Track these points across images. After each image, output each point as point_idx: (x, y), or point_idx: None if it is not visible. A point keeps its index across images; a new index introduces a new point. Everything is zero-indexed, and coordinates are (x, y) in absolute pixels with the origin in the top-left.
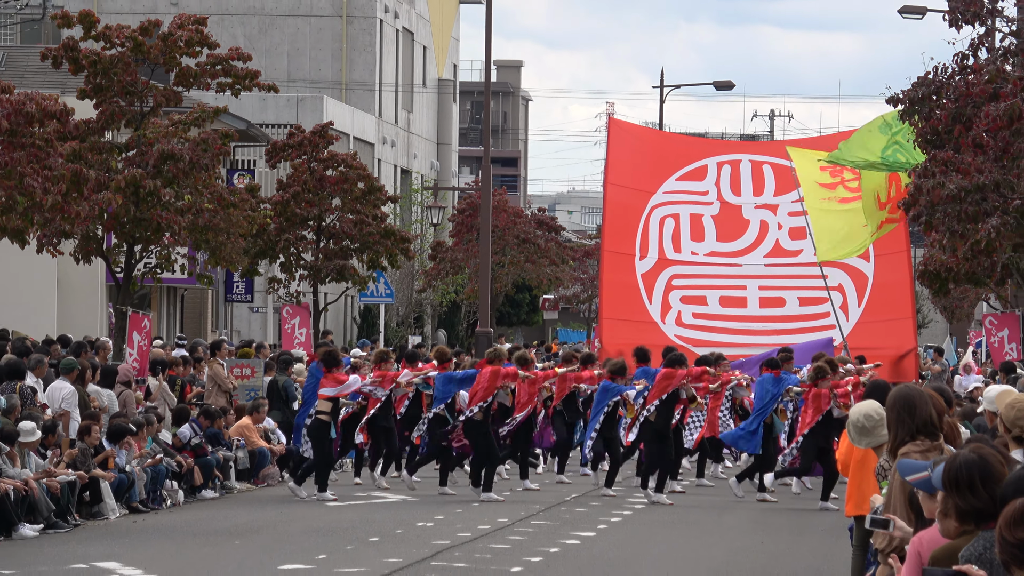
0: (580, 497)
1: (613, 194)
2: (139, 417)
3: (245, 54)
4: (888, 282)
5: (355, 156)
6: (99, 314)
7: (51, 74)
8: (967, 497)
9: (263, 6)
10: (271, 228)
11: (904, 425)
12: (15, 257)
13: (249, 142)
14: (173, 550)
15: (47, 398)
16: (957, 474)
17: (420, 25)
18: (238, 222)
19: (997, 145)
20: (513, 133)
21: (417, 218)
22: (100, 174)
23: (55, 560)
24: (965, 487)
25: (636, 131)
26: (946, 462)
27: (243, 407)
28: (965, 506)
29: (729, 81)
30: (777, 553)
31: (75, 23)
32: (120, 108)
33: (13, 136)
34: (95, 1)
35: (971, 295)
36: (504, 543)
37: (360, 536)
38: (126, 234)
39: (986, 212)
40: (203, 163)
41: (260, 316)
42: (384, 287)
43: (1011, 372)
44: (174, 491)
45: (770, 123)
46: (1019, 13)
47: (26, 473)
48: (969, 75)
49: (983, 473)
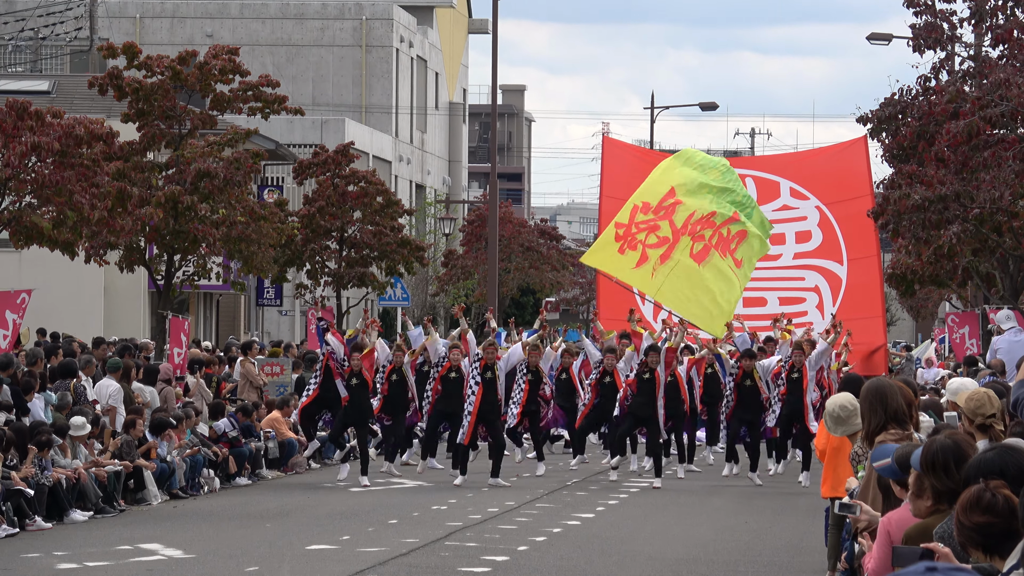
0: (580, 482)
1: (608, 206)
2: (179, 411)
3: (274, 81)
4: (860, 283)
5: (374, 173)
6: (142, 317)
7: (98, 100)
8: (942, 478)
9: (290, 37)
10: (298, 239)
11: (877, 415)
12: (66, 267)
13: (278, 161)
14: (210, 532)
15: (96, 394)
16: (934, 457)
17: (433, 53)
18: (268, 233)
19: (957, 159)
20: (517, 151)
21: (431, 229)
22: (142, 191)
23: (103, 542)
24: (941, 469)
25: (628, 148)
26: (924, 446)
27: (273, 402)
28: (940, 487)
29: (713, 102)
30: (760, 531)
31: (119, 54)
32: (160, 131)
33: (64, 157)
34: (137, 33)
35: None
36: (511, 524)
37: (380, 519)
38: (166, 245)
39: (948, 220)
40: (236, 180)
41: (288, 319)
42: (401, 291)
43: (973, 365)
44: (211, 479)
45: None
46: (976, 39)
47: (76, 463)
48: (931, 96)
49: (957, 457)
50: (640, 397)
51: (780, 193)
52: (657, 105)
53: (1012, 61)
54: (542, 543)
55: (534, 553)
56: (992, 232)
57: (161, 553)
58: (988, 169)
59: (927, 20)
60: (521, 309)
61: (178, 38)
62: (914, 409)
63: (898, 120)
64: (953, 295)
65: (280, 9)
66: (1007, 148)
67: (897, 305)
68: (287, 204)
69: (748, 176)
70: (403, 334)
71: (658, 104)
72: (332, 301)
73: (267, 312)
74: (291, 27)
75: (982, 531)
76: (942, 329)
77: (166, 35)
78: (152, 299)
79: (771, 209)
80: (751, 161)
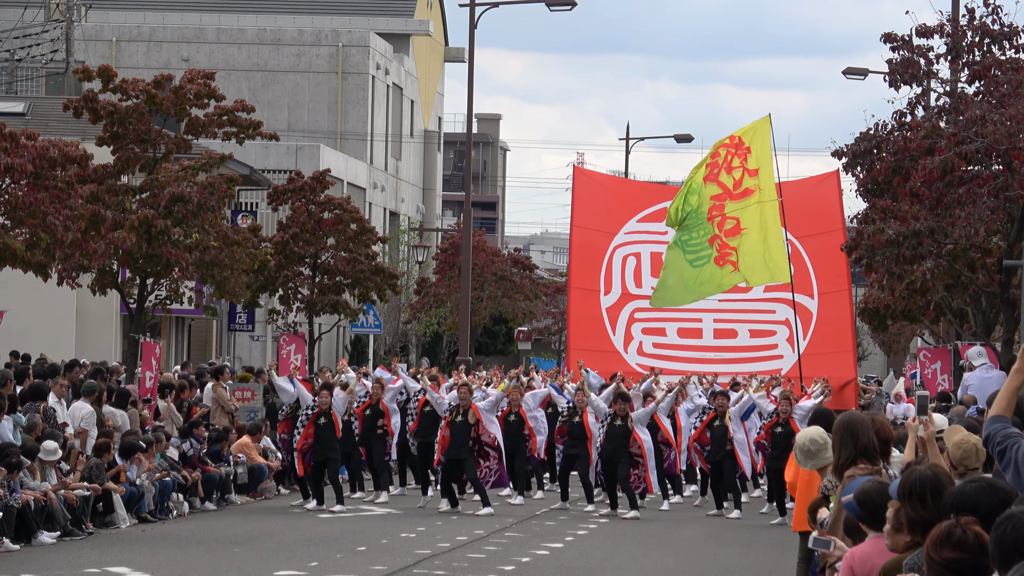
0: (549, 512)
1: (578, 236)
2: (149, 435)
3: (249, 106)
4: (830, 317)
5: (349, 200)
6: (114, 341)
7: (72, 123)
8: (918, 508)
9: (266, 63)
10: (271, 265)
11: (847, 448)
12: (38, 289)
13: (252, 186)
14: (178, 556)
15: (68, 417)
16: (911, 487)
17: (408, 81)
18: (241, 259)
19: (932, 195)
20: (492, 180)
21: (404, 256)
22: (116, 214)
23: (71, 565)
24: (917, 499)
25: (599, 178)
26: (902, 476)
27: (243, 427)
28: (916, 516)
29: (689, 134)
30: (728, 564)
31: (95, 77)
32: (135, 154)
33: (38, 179)
34: (114, 57)
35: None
36: (480, 553)
37: (349, 545)
38: (139, 269)
39: (921, 256)
40: (210, 205)
41: (260, 344)
42: (373, 319)
43: (946, 401)
44: (180, 503)
45: None
46: (952, 75)
47: (45, 486)
48: (907, 131)
49: (934, 488)
50: (609, 444)
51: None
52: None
53: (988, 98)
54: (511, 572)
55: None
56: (965, 268)
57: None
58: (963, 205)
59: (904, 55)
60: (493, 338)
61: (154, 62)
62: (889, 446)
63: (873, 155)
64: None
65: (257, 35)
66: (982, 184)
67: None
68: (261, 230)
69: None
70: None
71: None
72: (304, 327)
73: (239, 337)
74: (267, 53)
75: (951, 567)
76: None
77: (142, 59)
78: (124, 322)
79: None
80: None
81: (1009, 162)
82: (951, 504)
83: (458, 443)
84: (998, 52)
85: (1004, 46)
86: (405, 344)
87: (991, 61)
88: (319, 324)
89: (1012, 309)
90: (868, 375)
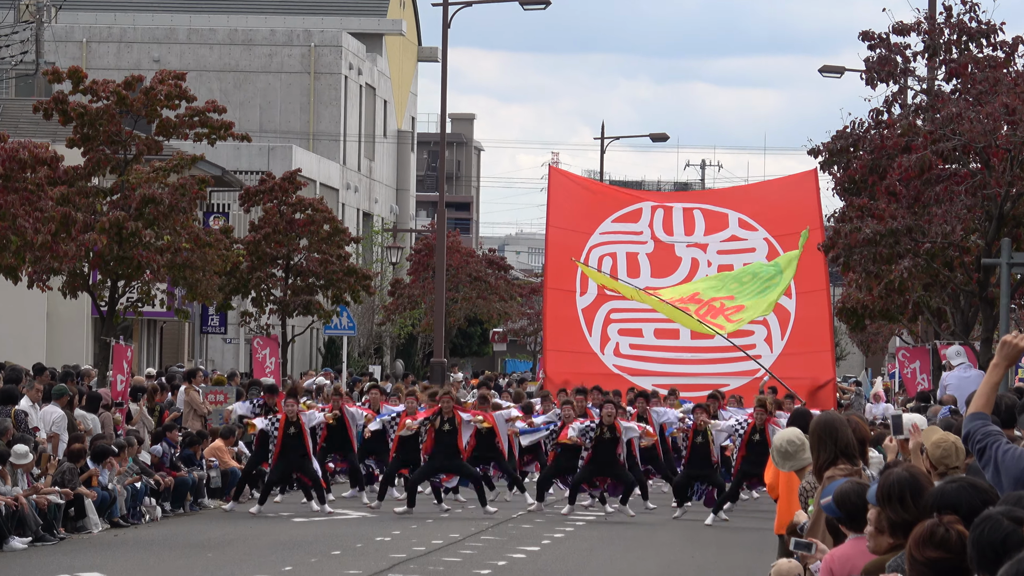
0: (526, 515)
1: (554, 236)
2: (120, 439)
3: (220, 107)
4: (808, 317)
5: (321, 201)
6: (85, 344)
7: (43, 124)
8: (898, 510)
9: (238, 63)
10: (243, 266)
11: (827, 449)
12: (8, 292)
13: (224, 187)
14: (151, 561)
15: (39, 421)
16: (890, 489)
17: (381, 81)
18: (213, 261)
19: (909, 193)
20: (466, 180)
21: (377, 257)
22: (87, 216)
23: (42, 570)
24: (896, 501)
25: (574, 178)
26: (881, 478)
27: (216, 430)
28: (896, 519)
29: (664, 133)
30: (706, 566)
31: (65, 78)
32: (105, 156)
33: (7, 181)
34: (84, 58)
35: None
36: (456, 556)
37: (323, 550)
38: (110, 271)
39: (899, 255)
40: (181, 206)
41: (233, 347)
42: (347, 320)
43: (925, 400)
44: (152, 507)
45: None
46: (929, 73)
47: (16, 490)
48: (884, 129)
49: (913, 489)
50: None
51: (728, 224)
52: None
53: (965, 96)
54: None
55: None
56: (943, 267)
57: None
58: (940, 204)
59: (881, 53)
60: (468, 339)
61: (125, 63)
62: (866, 446)
63: (850, 153)
64: (904, 330)
65: (228, 35)
66: (959, 183)
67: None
68: (233, 231)
69: (696, 209)
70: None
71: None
72: (277, 329)
73: (211, 340)
74: (239, 53)
75: (934, 567)
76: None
77: (113, 60)
78: (95, 325)
79: (720, 239)
80: (700, 195)
81: (987, 160)
82: (933, 505)
83: (445, 451)
84: (975, 50)
85: (981, 44)
86: (379, 346)
87: (968, 59)
88: (292, 326)
89: (991, 308)
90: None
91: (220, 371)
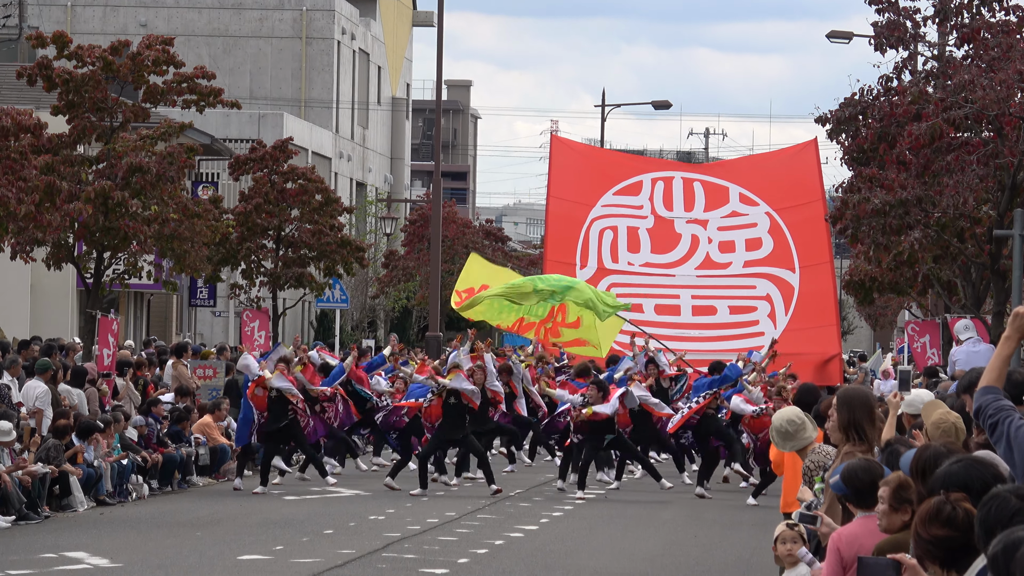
0: (524, 492)
1: (555, 207)
2: (107, 415)
3: (209, 73)
4: (813, 291)
5: (313, 170)
6: (70, 317)
7: (26, 91)
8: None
9: (227, 28)
10: (233, 237)
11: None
12: None
13: (213, 156)
14: (138, 541)
15: (22, 396)
16: (925, 464)
17: (375, 46)
18: (202, 231)
19: (919, 163)
20: (463, 149)
21: (371, 228)
22: (72, 185)
23: (26, 549)
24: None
25: (576, 147)
26: (917, 451)
27: (204, 406)
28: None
29: (666, 101)
30: (709, 545)
31: (49, 43)
32: (91, 123)
33: None
34: (68, 22)
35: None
36: (451, 535)
37: (315, 528)
38: (96, 242)
39: (909, 226)
40: (169, 175)
41: (222, 320)
42: (340, 293)
43: (933, 376)
44: (139, 485)
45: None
46: (940, 39)
47: (0, 467)
48: (893, 96)
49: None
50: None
51: (729, 199)
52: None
53: (977, 62)
54: (483, 556)
55: (475, 566)
56: (954, 238)
57: (87, 562)
58: (951, 173)
59: (890, 18)
60: None
61: (111, 27)
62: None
63: (858, 121)
64: (913, 303)
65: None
66: (971, 152)
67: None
68: (222, 201)
69: (697, 181)
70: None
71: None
72: (268, 302)
73: (200, 313)
74: (228, 17)
75: (941, 544)
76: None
77: (98, 24)
78: (81, 298)
79: (720, 216)
80: (700, 167)
81: (999, 128)
82: (939, 485)
83: (452, 424)
84: (988, 14)
85: (994, 8)
86: (373, 320)
87: (980, 23)
88: (283, 299)
89: (1002, 280)
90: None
91: (208, 345)
